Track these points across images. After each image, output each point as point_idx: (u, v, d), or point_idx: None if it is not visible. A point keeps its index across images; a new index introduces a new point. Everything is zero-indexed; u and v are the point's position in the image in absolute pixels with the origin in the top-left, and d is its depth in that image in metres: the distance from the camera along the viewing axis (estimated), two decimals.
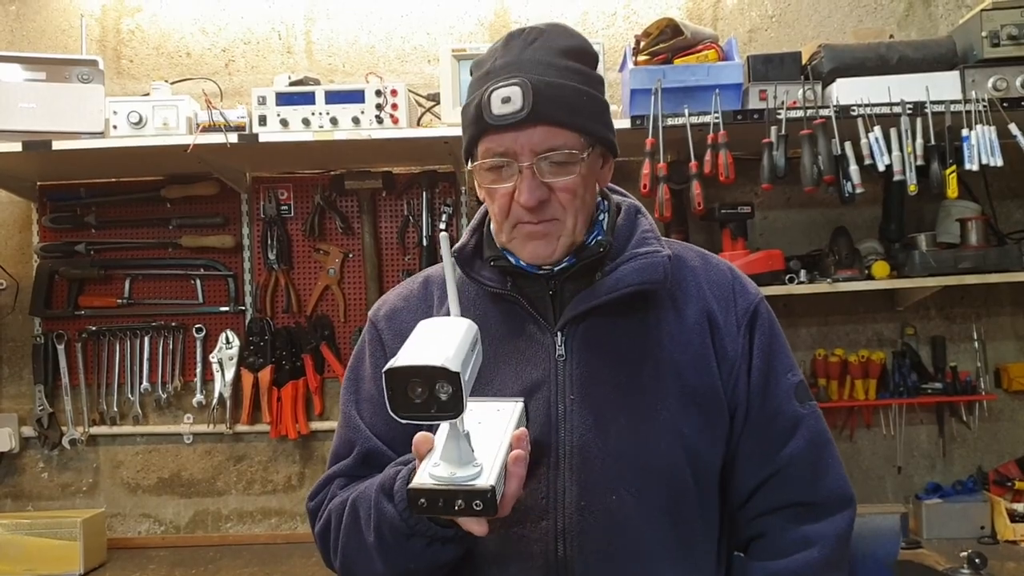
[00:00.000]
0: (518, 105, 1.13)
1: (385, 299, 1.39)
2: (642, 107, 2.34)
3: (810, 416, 1.27)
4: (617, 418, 1.19)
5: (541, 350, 1.23)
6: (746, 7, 2.83)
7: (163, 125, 2.43)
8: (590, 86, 1.20)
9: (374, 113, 2.41)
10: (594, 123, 1.20)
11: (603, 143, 1.23)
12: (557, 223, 1.19)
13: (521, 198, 1.16)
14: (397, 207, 2.80)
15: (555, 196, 1.18)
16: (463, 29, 2.84)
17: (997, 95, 2.30)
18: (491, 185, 1.20)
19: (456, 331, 1.00)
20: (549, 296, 1.25)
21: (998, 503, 2.48)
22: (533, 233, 1.19)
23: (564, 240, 1.20)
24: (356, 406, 1.31)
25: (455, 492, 0.96)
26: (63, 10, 2.88)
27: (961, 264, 2.43)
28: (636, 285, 1.21)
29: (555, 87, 1.15)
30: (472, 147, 1.21)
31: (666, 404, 1.20)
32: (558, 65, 1.17)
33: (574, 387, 1.20)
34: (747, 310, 1.28)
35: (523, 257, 1.23)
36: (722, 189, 2.62)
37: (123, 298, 2.80)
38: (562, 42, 1.20)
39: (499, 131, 1.15)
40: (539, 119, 1.14)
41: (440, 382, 0.93)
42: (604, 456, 1.18)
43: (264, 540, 2.77)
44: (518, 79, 1.14)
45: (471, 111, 1.19)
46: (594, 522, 1.16)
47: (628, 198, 1.36)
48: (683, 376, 1.22)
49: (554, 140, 1.15)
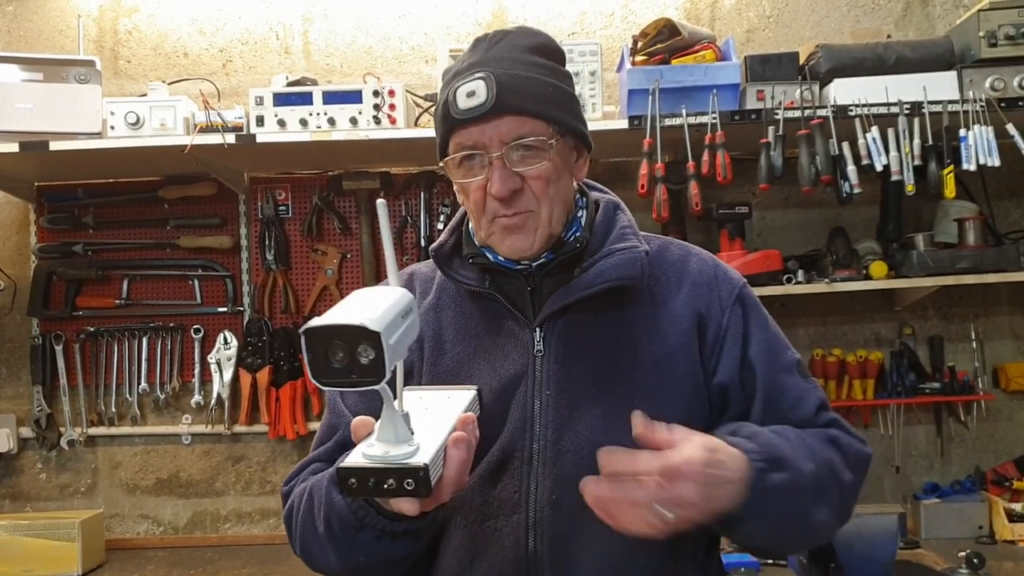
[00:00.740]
0: (483, 97, 1.15)
1: None
2: (640, 107, 2.34)
3: (814, 388, 1.27)
4: (593, 412, 1.20)
5: (519, 346, 1.24)
6: (744, 7, 2.83)
7: (160, 126, 2.43)
8: (556, 79, 1.22)
9: (372, 113, 2.41)
10: (561, 112, 1.21)
11: (573, 133, 1.24)
12: (532, 215, 1.21)
13: (493, 188, 1.18)
14: (395, 207, 2.79)
15: (527, 186, 1.19)
16: (461, 29, 2.84)
17: (994, 95, 2.30)
18: (463, 180, 1.21)
19: (387, 297, 0.94)
20: (528, 292, 1.26)
21: (996, 503, 2.48)
22: (510, 226, 1.20)
23: (542, 232, 1.22)
24: (340, 392, 1.31)
25: (387, 471, 0.91)
26: (60, 10, 2.87)
27: (959, 264, 2.43)
28: (614, 281, 1.22)
29: (519, 79, 1.17)
30: (444, 147, 1.23)
31: (643, 397, 1.20)
32: (523, 60, 1.20)
33: (551, 382, 1.21)
34: (732, 293, 1.28)
35: (502, 252, 1.24)
36: (720, 189, 2.62)
37: (121, 299, 2.80)
38: (526, 40, 1.22)
39: (466, 125, 1.17)
40: (504, 109, 1.16)
41: (362, 345, 0.87)
42: (577, 450, 1.18)
43: (263, 541, 2.77)
44: (482, 73, 1.16)
45: (439, 111, 1.21)
46: (565, 515, 1.17)
47: (607, 194, 1.37)
48: (661, 369, 1.22)
49: (521, 128, 1.17)
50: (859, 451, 1.24)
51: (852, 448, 1.23)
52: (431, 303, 1.32)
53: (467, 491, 1.21)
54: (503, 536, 1.18)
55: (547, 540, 1.17)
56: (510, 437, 1.20)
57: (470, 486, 1.20)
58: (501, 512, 1.19)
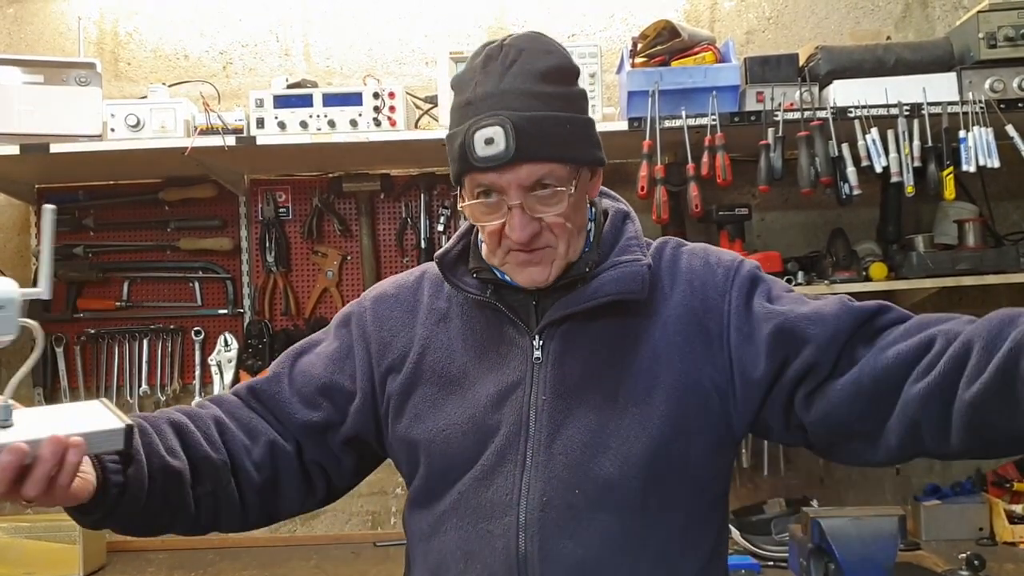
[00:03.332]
0: (501, 147, 1.13)
1: (381, 283, 1.42)
2: (639, 109, 2.34)
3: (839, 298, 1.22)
4: (586, 416, 1.21)
5: (519, 353, 1.25)
6: (743, 9, 2.83)
7: (161, 128, 2.43)
8: (573, 109, 1.20)
9: (372, 115, 2.41)
10: (580, 148, 1.21)
11: (590, 163, 1.24)
12: (550, 250, 1.21)
13: (513, 235, 1.18)
14: (395, 209, 2.80)
15: (546, 227, 1.19)
16: (461, 32, 2.84)
17: (994, 96, 2.30)
18: (481, 220, 1.21)
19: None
20: (532, 305, 1.27)
21: (996, 504, 2.48)
22: (527, 261, 1.21)
23: (558, 263, 1.22)
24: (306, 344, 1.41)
25: None
26: (61, 13, 2.88)
27: (959, 265, 2.43)
28: (614, 295, 1.22)
29: (537, 121, 1.15)
30: (459, 179, 1.22)
31: (637, 403, 1.21)
32: (539, 93, 1.16)
33: (547, 389, 1.22)
34: (728, 277, 1.27)
35: (518, 281, 1.25)
36: (719, 191, 2.61)
37: (121, 301, 2.80)
38: (540, 64, 1.18)
39: (485, 171, 1.16)
40: (524, 158, 1.14)
41: None
42: (568, 452, 1.19)
43: (263, 543, 2.76)
44: (499, 118, 1.14)
45: (455, 148, 1.19)
46: (555, 516, 1.18)
47: (619, 202, 1.37)
48: (652, 372, 1.22)
49: (540, 174, 1.16)
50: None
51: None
52: (442, 311, 1.33)
53: (463, 493, 1.22)
54: (495, 538, 1.19)
55: (537, 541, 1.17)
56: (505, 441, 1.21)
57: (466, 488, 1.22)
58: (494, 514, 1.20)
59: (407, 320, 1.34)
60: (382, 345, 1.33)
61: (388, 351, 1.32)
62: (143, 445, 1.17)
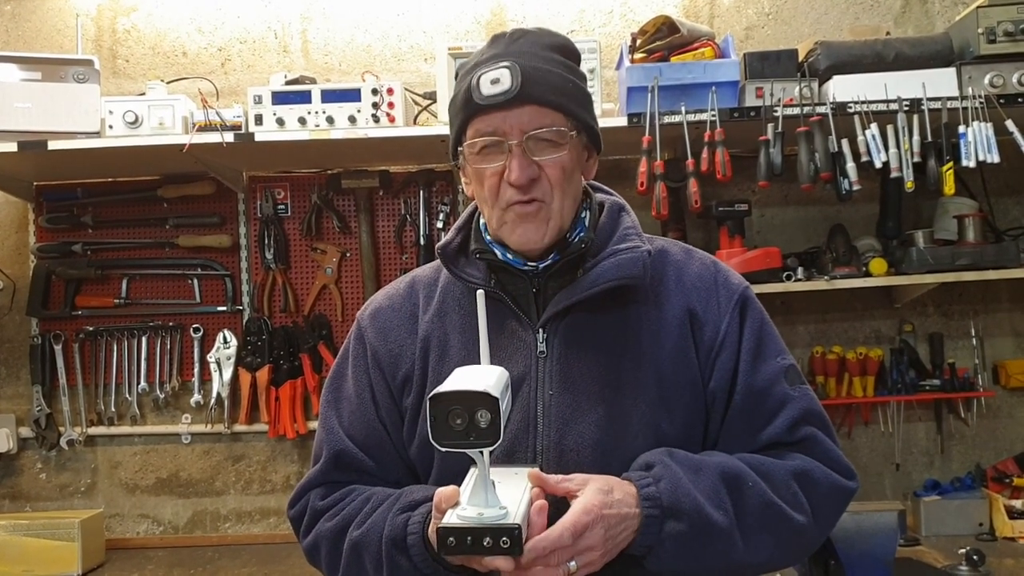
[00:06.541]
0: (507, 85, 1.18)
1: (372, 299, 1.42)
2: (639, 105, 2.34)
3: (800, 398, 1.26)
4: (595, 412, 1.21)
5: (523, 347, 1.25)
6: (742, 4, 2.83)
7: (159, 125, 2.43)
8: (575, 76, 1.26)
9: (370, 112, 2.41)
10: (579, 109, 1.25)
11: (588, 132, 1.28)
12: (545, 206, 1.22)
13: (511, 176, 1.20)
14: (394, 206, 2.80)
15: (544, 175, 1.22)
16: (459, 28, 2.84)
17: (993, 91, 2.29)
18: (480, 165, 1.23)
19: (492, 371, 1.08)
20: (532, 294, 1.28)
21: (996, 500, 2.48)
22: (524, 214, 1.22)
23: (553, 223, 1.23)
24: (335, 405, 1.35)
25: (483, 530, 1.02)
26: (59, 10, 2.87)
27: (959, 261, 2.42)
28: (615, 280, 1.23)
29: (542, 71, 1.21)
30: (461, 133, 1.25)
31: (644, 398, 1.22)
32: (545, 56, 1.23)
33: (554, 383, 1.23)
34: (732, 297, 1.29)
35: (512, 243, 1.25)
36: (719, 187, 2.62)
37: (120, 298, 2.80)
38: (547, 39, 1.26)
39: (488, 111, 1.20)
40: (528, 99, 1.19)
41: (480, 410, 1.00)
42: (580, 448, 1.20)
43: (263, 540, 2.77)
44: (507, 62, 1.19)
45: (459, 98, 1.24)
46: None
47: (612, 196, 1.38)
48: (662, 370, 1.24)
49: (543, 119, 1.20)
50: (833, 484, 1.23)
51: (825, 482, 1.22)
52: (435, 308, 1.33)
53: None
54: None
55: None
56: (513, 437, 1.21)
57: None
58: None
59: (410, 326, 1.34)
60: (392, 357, 1.32)
61: (399, 363, 1.32)
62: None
